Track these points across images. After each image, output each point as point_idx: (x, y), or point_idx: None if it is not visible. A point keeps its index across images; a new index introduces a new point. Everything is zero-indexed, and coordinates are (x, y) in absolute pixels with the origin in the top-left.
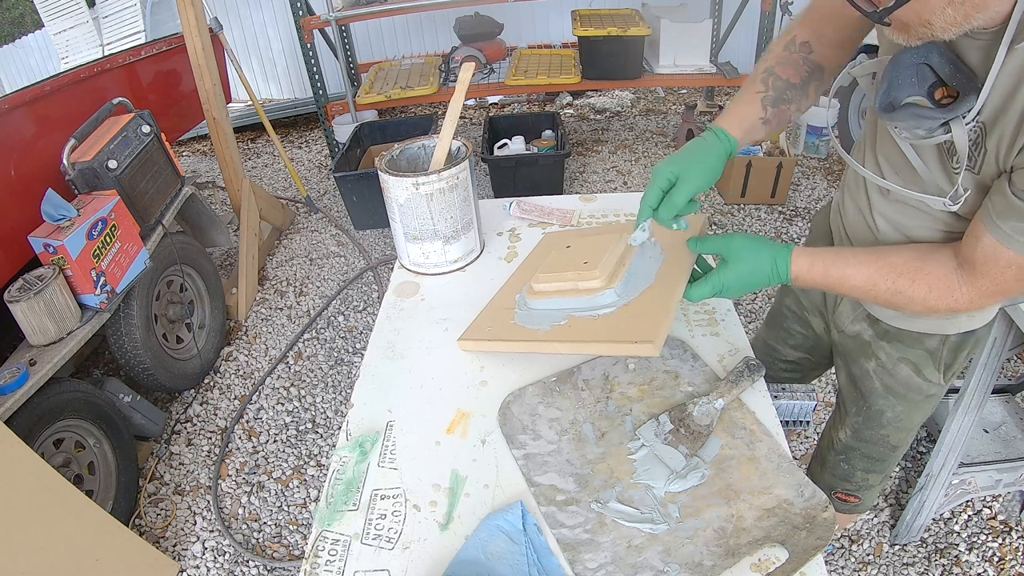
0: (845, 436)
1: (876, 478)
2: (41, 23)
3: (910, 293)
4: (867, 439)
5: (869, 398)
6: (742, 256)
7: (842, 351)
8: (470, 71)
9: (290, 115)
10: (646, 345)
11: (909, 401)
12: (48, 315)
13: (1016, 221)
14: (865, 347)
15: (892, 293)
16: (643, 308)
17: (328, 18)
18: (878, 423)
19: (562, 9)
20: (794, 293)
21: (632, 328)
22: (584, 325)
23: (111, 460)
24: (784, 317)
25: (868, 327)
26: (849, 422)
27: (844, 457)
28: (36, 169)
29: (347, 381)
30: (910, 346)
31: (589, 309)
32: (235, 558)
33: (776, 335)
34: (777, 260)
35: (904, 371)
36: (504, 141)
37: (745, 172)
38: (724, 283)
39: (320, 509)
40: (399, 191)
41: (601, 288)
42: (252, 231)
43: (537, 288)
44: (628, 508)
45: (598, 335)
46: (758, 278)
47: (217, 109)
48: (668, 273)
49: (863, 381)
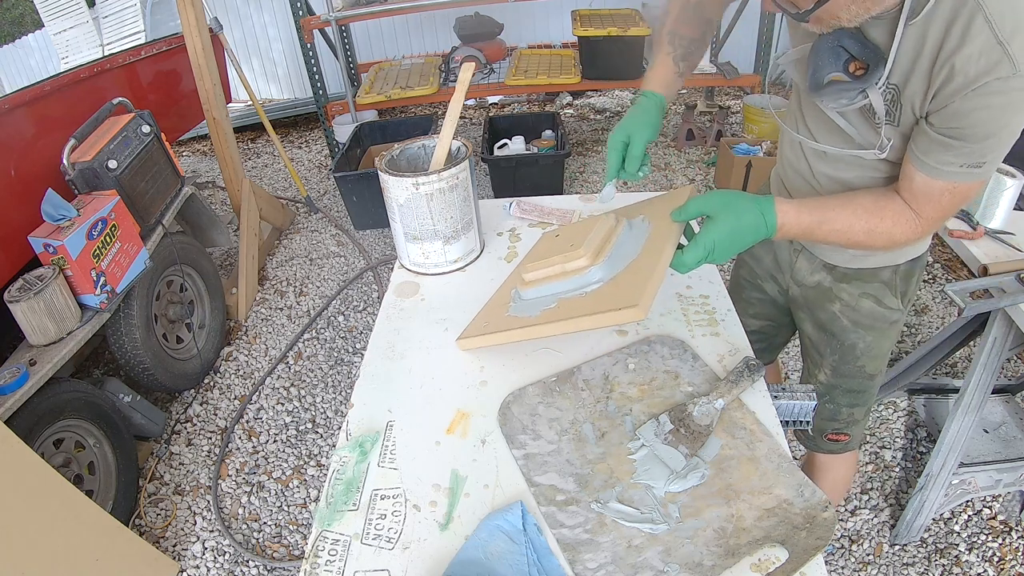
0: (825, 377)
1: (860, 411)
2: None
3: (880, 229)
4: (845, 373)
5: (840, 336)
6: (727, 210)
7: (804, 303)
8: (470, 71)
9: (290, 115)
10: (632, 310)
11: (876, 330)
12: (48, 315)
13: (937, 155)
14: (827, 293)
15: (866, 232)
16: (628, 277)
17: (328, 18)
18: (852, 356)
19: (562, 9)
20: (747, 264)
21: (617, 296)
22: (572, 304)
23: (111, 460)
24: (742, 288)
25: (827, 274)
26: (826, 363)
27: (828, 397)
28: (36, 169)
29: (347, 381)
30: (868, 281)
31: (577, 288)
32: (235, 558)
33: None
34: (764, 210)
35: (867, 304)
36: (504, 141)
37: (745, 172)
38: (714, 241)
39: (320, 509)
40: (399, 191)
41: (587, 266)
42: (252, 231)
43: (528, 278)
44: (628, 508)
45: (584, 309)
46: (746, 231)
47: (217, 109)
48: (654, 243)
49: (832, 323)
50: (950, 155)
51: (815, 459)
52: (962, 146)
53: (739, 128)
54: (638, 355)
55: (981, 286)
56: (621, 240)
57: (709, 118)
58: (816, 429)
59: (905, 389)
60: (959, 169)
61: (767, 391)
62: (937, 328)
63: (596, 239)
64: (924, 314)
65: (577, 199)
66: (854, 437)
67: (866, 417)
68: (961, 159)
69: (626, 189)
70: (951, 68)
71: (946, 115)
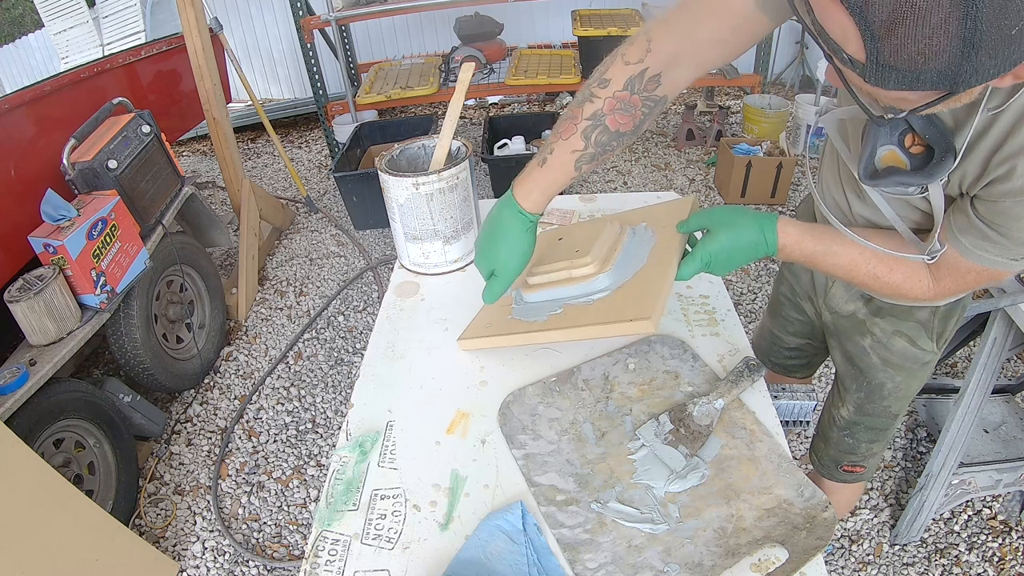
0: (848, 412)
1: (879, 446)
2: (41, 23)
3: (886, 279)
4: (869, 412)
5: (868, 373)
6: (726, 225)
7: (835, 332)
8: (470, 71)
9: (290, 115)
10: (643, 322)
11: (906, 371)
12: (48, 315)
13: (974, 239)
14: (860, 325)
15: (870, 276)
16: (637, 287)
17: (328, 18)
18: (879, 395)
19: (562, 9)
20: (788, 281)
21: (628, 307)
22: (580, 311)
23: (111, 460)
24: (782, 305)
25: (863, 305)
26: (850, 399)
27: (848, 432)
28: (36, 169)
29: (347, 381)
30: (903, 319)
31: (584, 295)
32: (235, 558)
33: (777, 323)
34: (764, 228)
35: (899, 343)
36: (504, 141)
37: (745, 172)
38: (711, 254)
39: (320, 509)
40: (399, 191)
41: (594, 273)
42: (252, 231)
43: (532, 282)
44: (628, 508)
45: (594, 318)
46: (744, 248)
47: (217, 109)
48: (660, 253)
49: (860, 358)
50: (987, 244)
51: (821, 480)
52: (1003, 241)
53: (739, 128)
54: (638, 355)
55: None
56: (627, 248)
57: (709, 118)
58: (832, 460)
59: None
60: (994, 258)
61: (767, 391)
62: None
63: (603, 247)
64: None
65: (577, 199)
66: (869, 469)
67: (883, 451)
68: (998, 252)
69: (627, 189)
70: (1012, 168)
71: (994, 211)
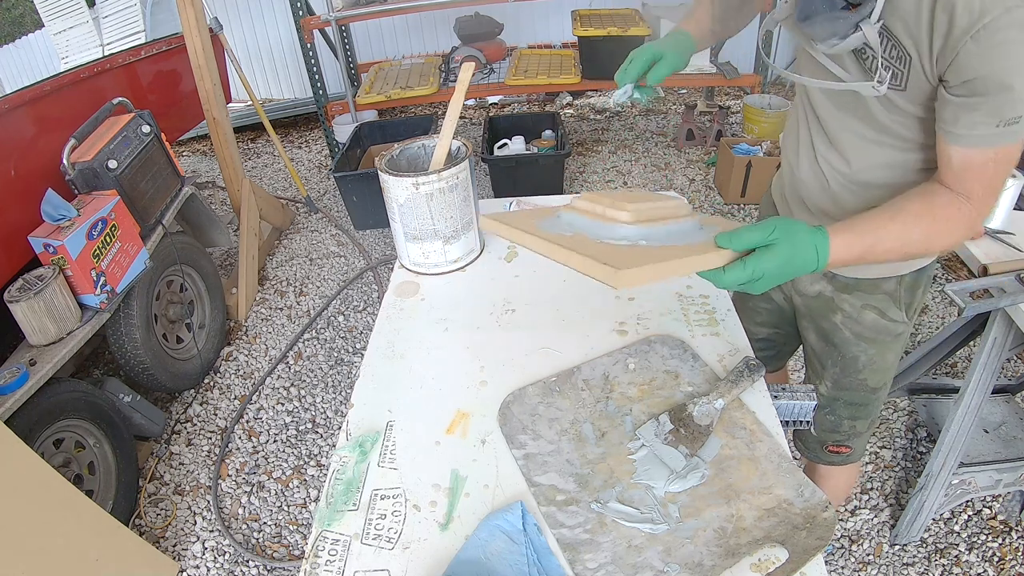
0: (826, 389)
1: (862, 424)
2: (41, 23)
3: (937, 229)
4: (847, 386)
5: (842, 348)
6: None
7: (807, 312)
8: (470, 71)
9: (290, 115)
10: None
11: (880, 343)
12: (48, 315)
13: (964, 120)
14: (829, 303)
15: (924, 238)
16: (644, 253)
17: (328, 18)
18: (854, 368)
19: (562, 9)
20: None
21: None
22: (581, 240)
23: (111, 460)
24: (748, 297)
25: (827, 284)
26: (827, 375)
27: (829, 409)
28: (36, 169)
29: (347, 381)
30: (870, 292)
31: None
32: (235, 558)
33: (745, 315)
34: (818, 245)
35: (870, 316)
36: (504, 141)
37: (745, 172)
38: (764, 270)
39: (320, 509)
40: (399, 191)
41: (624, 222)
42: (252, 231)
43: (575, 204)
44: (628, 508)
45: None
46: (796, 266)
47: (217, 109)
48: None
49: (834, 334)
50: (978, 115)
51: (815, 467)
52: (985, 102)
53: (739, 128)
54: (638, 355)
55: (981, 286)
56: (677, 227)
57: (709, 118)
58: (816, 440)
59: (905, 389)
60: (994, 130)
61: (767, 391)
62: (937, 328)
63: (653, 211)
64: (924, 314)
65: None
66: (856, 450)
67: (869, 430)
68: (991, 117)
69: (625, 189)
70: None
71: (958, 69)
